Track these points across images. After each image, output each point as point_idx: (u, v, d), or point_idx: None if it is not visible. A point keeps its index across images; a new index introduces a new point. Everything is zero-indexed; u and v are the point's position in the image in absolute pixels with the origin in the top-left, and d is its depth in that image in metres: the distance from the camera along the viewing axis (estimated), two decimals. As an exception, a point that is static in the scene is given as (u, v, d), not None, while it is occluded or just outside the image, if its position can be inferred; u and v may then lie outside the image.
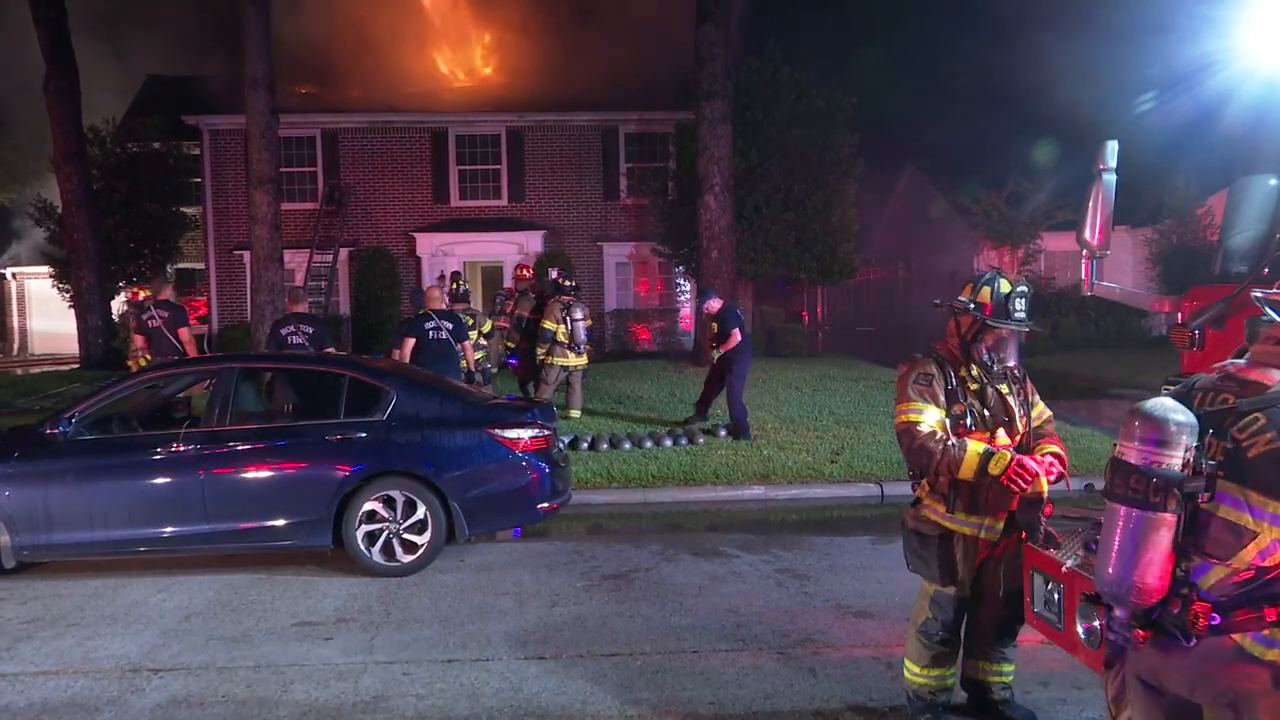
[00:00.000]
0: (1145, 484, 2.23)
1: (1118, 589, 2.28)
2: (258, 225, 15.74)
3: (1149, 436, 2.26)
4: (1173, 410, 2.28)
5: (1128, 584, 2.26)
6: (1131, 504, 2.26)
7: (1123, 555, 2.26)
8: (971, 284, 4.03)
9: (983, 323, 3.94)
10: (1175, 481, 2.21)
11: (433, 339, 10.31)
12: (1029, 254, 22.65)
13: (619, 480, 9.65)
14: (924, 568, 4.12)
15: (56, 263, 23.28)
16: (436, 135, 22.71)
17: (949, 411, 3.96)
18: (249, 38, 15.29)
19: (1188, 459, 2.23)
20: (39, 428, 7.02)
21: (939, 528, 4.04)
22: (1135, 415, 2.30)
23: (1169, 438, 2.24)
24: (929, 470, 3.94)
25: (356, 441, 6.87)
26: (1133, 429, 2.28)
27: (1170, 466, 2.23)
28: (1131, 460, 2.27)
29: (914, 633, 4.18)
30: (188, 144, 23.46)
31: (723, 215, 17.57)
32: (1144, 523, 2.23)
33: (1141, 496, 2.24)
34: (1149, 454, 2.25)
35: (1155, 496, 2.22)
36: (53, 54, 20.74)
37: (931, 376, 3.98)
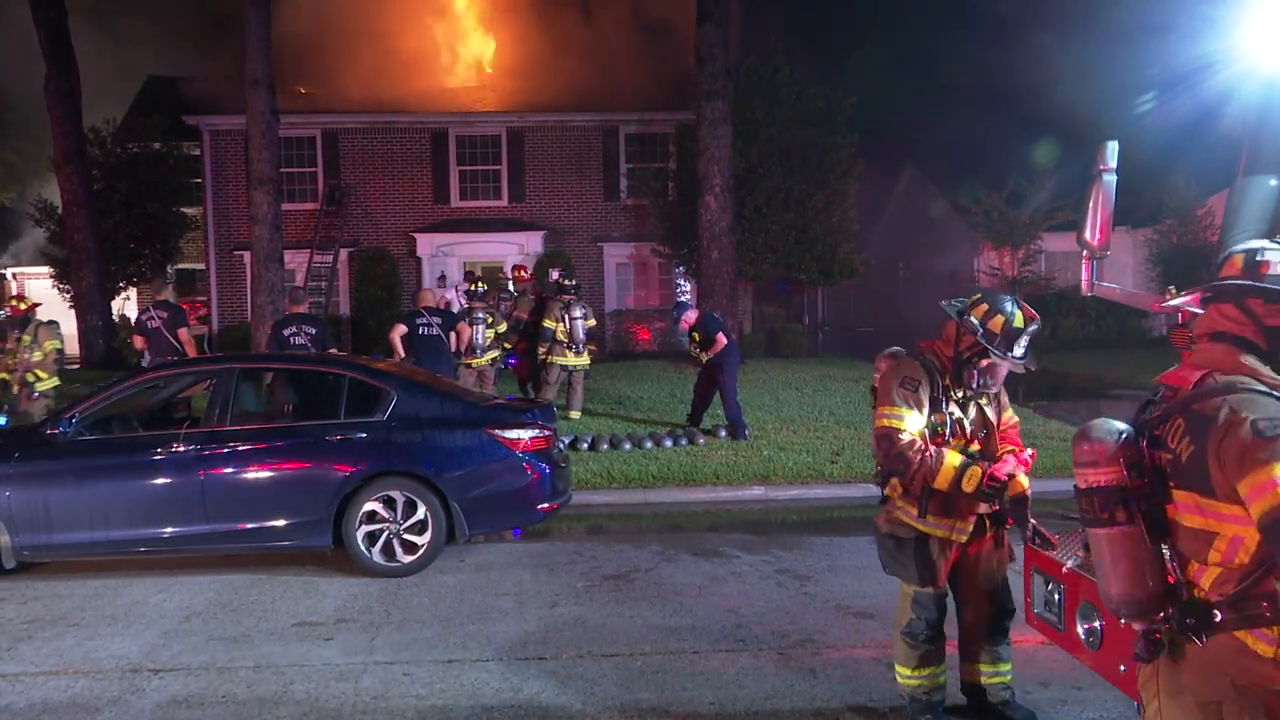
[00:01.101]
0: (1092, 503, 2.29)
1: (1119, 606, 2.30)
2: (258, 225, 15.75)
3: (1080, 459, 2.33)
4: (1096, 429, 2.32)
5: (1111, 598, 2.31)
6: (1093, 524, 2.30)
7: (1109, 573, 2.30)
8: (987, 306, 3.93)
9: (984, 349, 3.91)
10: (1112, 496, 2.26)
11: (423, 334, 10.42)
12: (1029, 254, 22.64)
13: (619, 481, 9.65)
14: (902, 570, 4.14)
15: (57, 263, 23.27)
16: (437, 136, 22.71)
17: (929, 419, 3.96)
18: (249, 38, 15.30)
19: (1121, 471, 2.26)
20: (40, 428, 7.03)
21: (913, 530, 4.06)
22: (1077, 439, 2.35)
23: (1095, 457, 2.29)
24: (904, 477, 3.96)
25: (357, 442, 6.87)
26: (1075, 452, 2.34)
27: (1108, 482, 2.26)
28: (1078, 484, 2.34)
29: (899, 636, 4.19)
30: (188, 144, 23.46)
31: (723, 215, 17.57)
32: (1110, 539, 2.27)
33: (1093, 515, 2.29)
34: (1084, 474, 2.32)
35: (1103, 513, 2.27)
36: (53, 54, 20.74)
37: (918, 382, 3.97)
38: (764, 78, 19.88)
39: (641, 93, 22.77)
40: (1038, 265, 23.22)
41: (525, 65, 25.28)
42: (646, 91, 22.73)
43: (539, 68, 25.00)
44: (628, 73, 23.62)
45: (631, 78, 23.25)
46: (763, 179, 19.33)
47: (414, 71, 24.30)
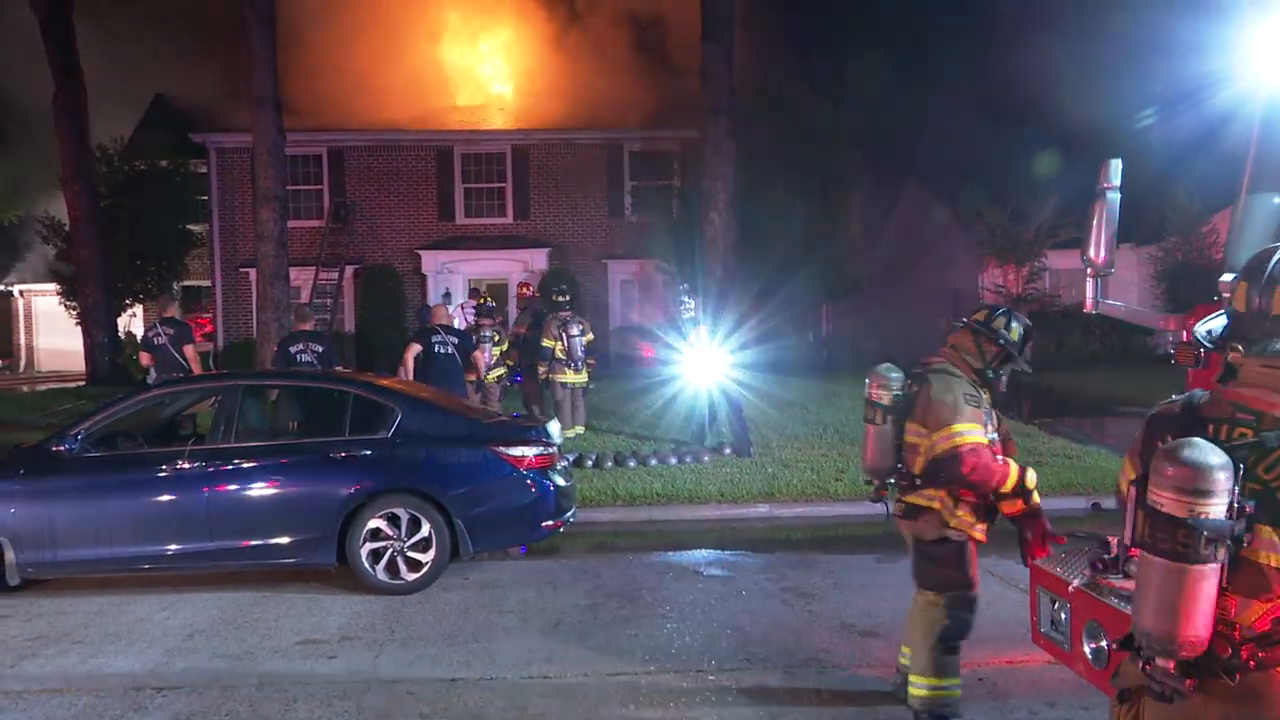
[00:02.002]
0: (1194, 538, 2.04)
1: (1164, 644, 2.12)
2: (264, 243, 15.79)
3: (1190, 485, 2.04)
4: (1212, 454, 2.06)
5: (1175, 638, 2.10)
6: (1177, 558, 2.06)
7: (1167, 609, 2.09)
8: (1006, 317, 4.33)
9: (1009, 357, 4.29)
10: (1225, 532, 2.05)
11: (439, 352, 10.35)
12: (1033, 271, 22.64)
13: (624, 498, 9.64)
14: (949, 574, 4.29)
15: (63, 280, 23.38)
16: (442, 153, 22.81)
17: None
18: (255, 56, 15.38)
19: (1230, 503, 2.05)
20: (45, 444, 7.03)
21: (963, 535, 4.27)
22: (1172, 461, 2.07)
23: (1212, 485, 2.04)
24: (985, 488, 4.13)
25: (361, 459, 6.87)
26: (1170, 476, 2.07)
27: (1214, 515, 2.04)
28: (1175, 513, 2.06)
29: (931, 644, 4.21)
30: (195, 162, 23.59)
31: (727, 233, 17.57)
32: (1190, 575, 2.05)
33: (1190, 550, 2.05)
34: (1192, 504, 2.04)
35: (1206, 549, 2.04)
36: (61, 72, 20.89)
37: (979, 397, 4.22)
38: (768, 95, 19.94)
39: (646, 110, 22.86)
40: (1042, 282, 23.22)
41: (530, 83, 25.41)
42: (651, 109, 22.81)
43: (544, 86, 25.12)
44: (632, 91, 23.70)
45: (636, 96, 23.33)
46: (767, 196, 19.37)
47: (419, 90, 24.41)
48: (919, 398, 4.24)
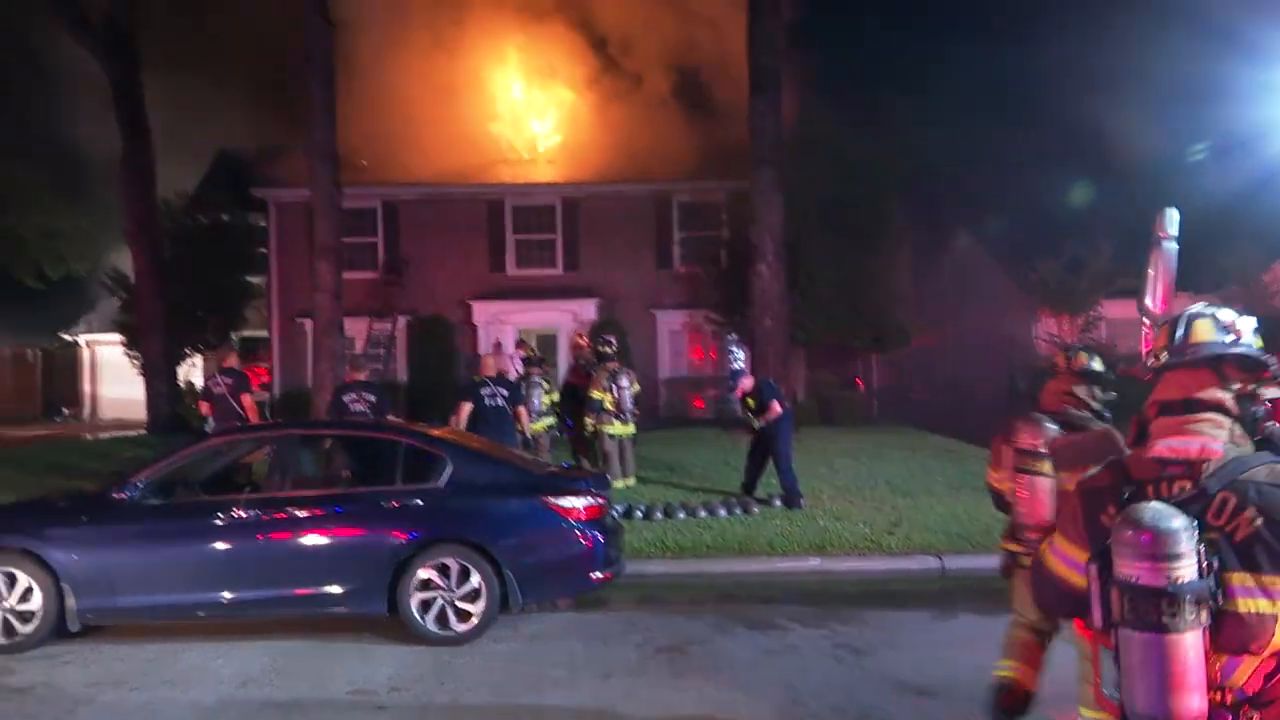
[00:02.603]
0: (1179, 604, 1.97)
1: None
2: (320, 294, 16.13)
3: (1163, 551, 1.99)
4: (1173, 515, 2.03)
5: (1173, 716, 2.00)
6: (1165, 630, 1.98)
7: (1161, 687, 1.99)
8: (1090, 354, 4.39)
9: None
10: (1206, 593, 1.99)
11: (489, 405, 10.40)
12: (1089, 321, 22.29)
13: (673, 550, 9.57)
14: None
15: (127, 330, 24.00)
16: (493, 206, 23.19)
17: None
18: (314, 113, 15.85)
19: (1197, 562, 2.01)
20: (106, 491, 7.19)
21: None
22: (1137, 529, 2.02)
23: (1182, 547, 1.99)
24: None
25: (412, 508, 6.92)
26: (1141, 545, 2.01)
27: (1189, 577, 1.99)
28: (1154, 582, 1.99)
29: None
30: (255, 215, 24.21)
31: (775, 282, 17.62)
32: (1180, 646, 1.97)
33: (1177, 617, 1.98)
34: (1168, 569, 1.99)
35: (1190, 614, 1.98)
36: (130, 130, 21.69)
37: None
38: (815, 145, 20.04)
39: (693, 162, 23.09)
40: (1098, 332, 22.83)
41: (578, 136, 25.81)
42: (698, 160, 23.03)
43: (592, 139, 25.50)
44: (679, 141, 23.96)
45: (683, 146, 23.58)
46: (815, 246, 19.37)
47: (471, 144, 24.93)
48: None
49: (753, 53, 17.75)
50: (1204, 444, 2.15)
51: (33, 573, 6.72)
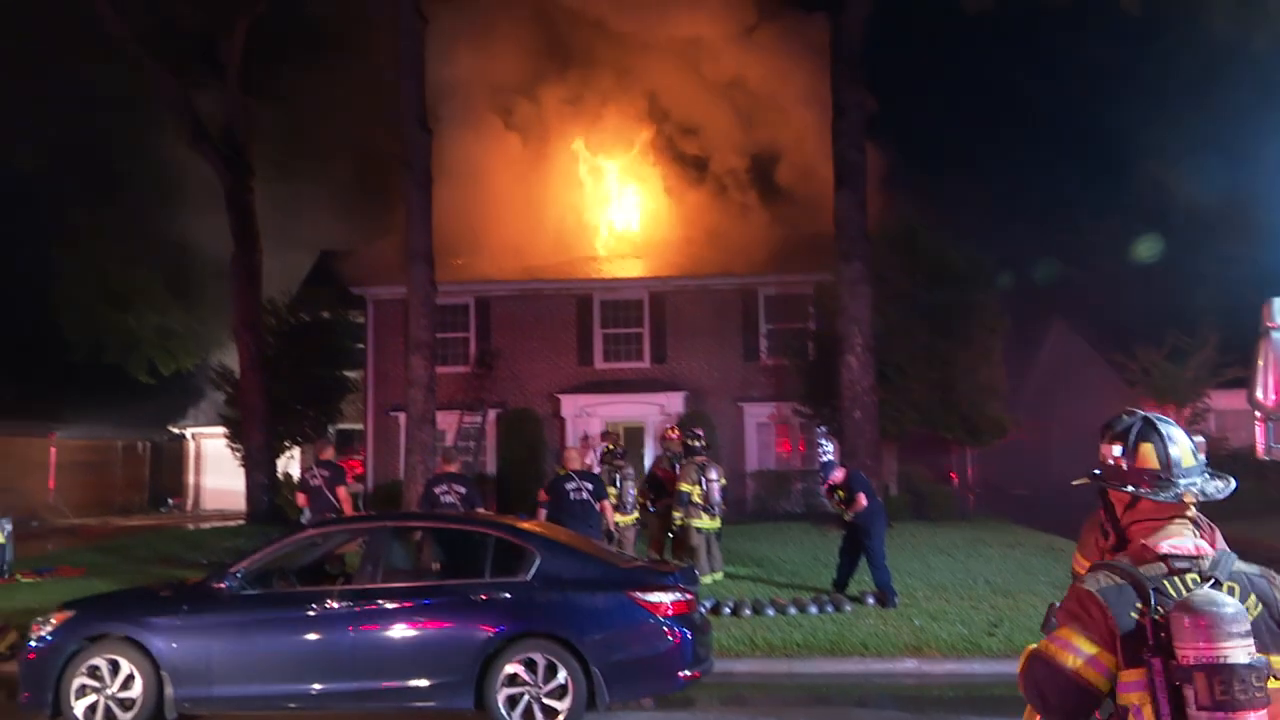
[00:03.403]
0: (1263, 677, 2.08)
1: None
2: (413, 388, 16.53)
3: (1241, 629, 2.10)
4: (1226, 595, 2.18)
5: None
6: (1258, 705, 2.07)
7: None
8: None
9: None
10: (1263, 666, 2.09)
11: (573, 499, 10.41)
12: (1196, 413, 21.41)
13: (762, 648, 9.32)
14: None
15: (230, 423, 24.89)
16: (581, 300, 23.61)
17: None
18: (412, 215, 16.50)
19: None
20: (206, 581, 7.37)
21: None
22: (1214, 610, 2.12)
23: (1242, 624, 2.11)
24: None
25: (500, 601, 6.92)
26: (1220, 626, 2.09)
27: (1257, 654, 2.11)
28: (1241, 659, 2.07)
29: None
30: (353, 312, 25.11)
31: (864, 375, 17.44)
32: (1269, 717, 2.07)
33: (1260, 693, 2.07)
34: (1248, 647, 2.09)
35: (1259, 690, 2.07)
36: (240, 234, 22.92)
37: None
38: (902, 238, 20.00)
39: (778, 254, 23.24)
40: (1206, 424, 21.89)
41: (664, 232, 26.28)
42: (783, 252, 23.18)
43: (678, 233, 25.93)
44: (764, 235, 24.20)
45: (768, 239, 23.80)
46: (904, 338, 19.15)
47: (559, 241, 25.60)
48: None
49: (836, 147, 17.96)
50: (1197, 543, 2.36)
51: (135, 660, 6.89)
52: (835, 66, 18.24)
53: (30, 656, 7.08)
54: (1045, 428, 29.03)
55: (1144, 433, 2.48)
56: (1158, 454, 2.44)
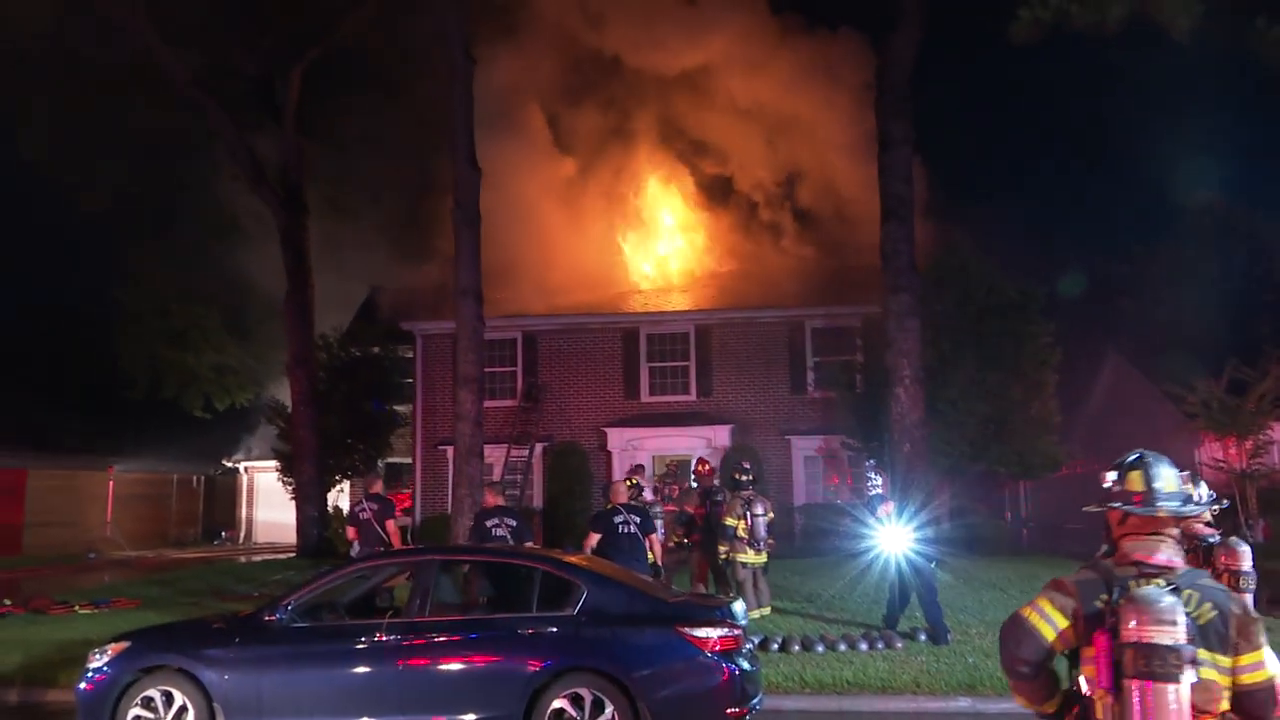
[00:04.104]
0: (1181, 658, 2.70)
1: None
2: (461, 422, 16.66)
3: (1169, 617, 2.74)
4: (1167, 594, 2.82)
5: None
6: (1169, 679, 2.70)
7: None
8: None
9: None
10: (1191, 655, 2.74)
11: (622, 533, 10.37)
12: (1258, 446, 20.83)
13: (811, 685, 9.18)
14: None
15: (282, 457, 25.26)
16: (627, 334, 23.69)
17: None
18: (462, 253, 16.72)
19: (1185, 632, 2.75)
20: (258, 614, 7.44)
21: None
22: (1149, 601, 2.78)
23: (1177, 616, 2.75)
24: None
25: (547, 636, 6.90)
26: (1153, 613, 2.75)
27: (1181, 640, 2.73)
28: (1163, 640, 2.72)
29: None
30: (403, 348, 25.45)
31: (914, 408, 17.25)
32: (1178, 692, 2.69)
33: (1178, 668, 2.70)
34: (1172, 632, 2.72)
35: (1184, 668, 2.71)
36: (294, 271, 23.38)
37: None
38: (952, 270, 19.81)
39: (826, 287, 23.14)
40: (1269, 457, 21.27)
41: (711, 265, 26.34)
42: (831, 286, 23.09)
43: (725, 267, 25.98)
44: (812, 268, 24.14)
45: (816, 273, 23.74)
46: (955, 371, 18.91)
47: (606, 275, 25.77)
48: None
49: (883, 179, 17.89)
50: (1169, 556, 2.98)
51: (188, 692, 6.97)
52: (881, 99, 18.21)
53: (87, 687, 7.19)
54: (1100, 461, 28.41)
55: (1134, 463, 3.13)
56: (1143, 479, 3.07)
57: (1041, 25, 15.49)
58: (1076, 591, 3.01)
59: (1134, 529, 3.05)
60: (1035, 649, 3.04)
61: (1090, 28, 15.53)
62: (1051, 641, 3.03)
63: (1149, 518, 3.02)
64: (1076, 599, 2.99)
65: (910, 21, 17.73)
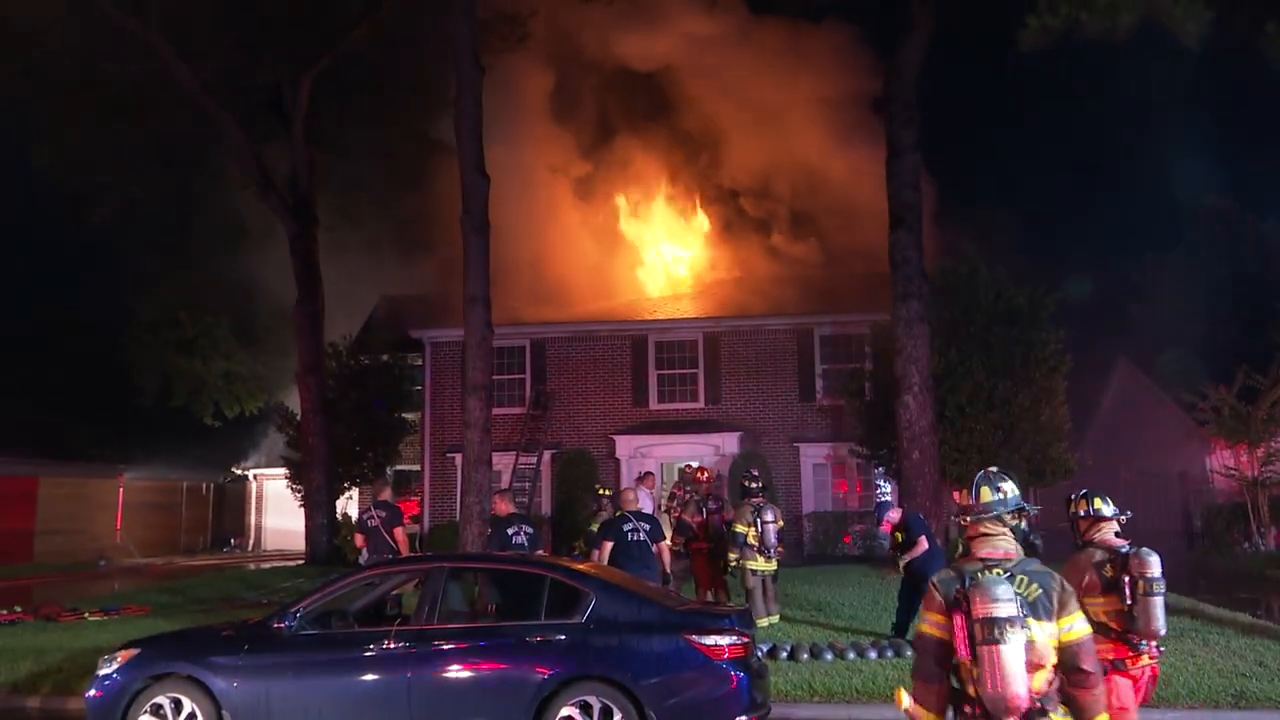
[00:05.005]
0: (1015, 625, 3.59)
1: (1001, 702, 3.58)
2: (470, 429, 16.64)
3: (1006, 596, 3.64)
4: (1004, 582, 3.70)
5: (1008, 696, 3.56)
6: (1005, 641, 3.57)
7: (1002, 678, 3.56)
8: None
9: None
10: (1020, 621, 3.62)
11: (631, 540, 10.35)
12: (1270, 453, 20.72)
13: (821, 694, 9.14)
14: None
15: (291, 465, 25.30)
16: (636, 342, 23.69)
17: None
18: (471, 261, 16.73)
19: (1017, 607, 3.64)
20: (267, 621, 7.45)
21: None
22: (992, 586, 3.67)
23: (1010, 596, 3.65)
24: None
25: (556, 644, 6.89)
26: (995, 595, 3.63)
27: (1011, 613, 3.60)
28: (1002, 614, 3.59)
29: None
30: (411, 356, 25.48)
31: (922, 415, 17.20)
32: (1011, 650, 3.57)
33: (1010, 631, 3.58)
34: (1004, 606, 3.60)
35: (1015, 634, 3.59)
36: (303, 281, 23.44)
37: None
38: (960, 278, 19.77)
39: (834, 295, 23.11)
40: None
41: (720, 273, 26.34)
42: (839, 293, 23.06)
43: (733, 275, 25.97)
44: (820, 276, 24.12)
45: (824, 280, 23.71)
46: (964, 378, 18.85)
47: (614, 283, 25.78)
48: None
49: (891, 187, 17.87)
50: (1007, 550, 3.89)
51: (197, 699, 6.98)
52: (889, 107, 18.21)
53: (97, 694, 7.21)
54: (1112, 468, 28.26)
55: (979, 481, 4.02)
56: (984, 492, 3.98)
57: (1051, 33, 15.48)
58: (940, 589, 3.88)
59: (978, 532, 3.96)
60: (934, 646, 3.86)
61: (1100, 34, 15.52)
62: (940, 635, 3.84)
63: (989, 521, 3.95)
64: (941, 594, 3.86)
65: (919, 27, 17.73)
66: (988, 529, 3.93)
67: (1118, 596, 5.26)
